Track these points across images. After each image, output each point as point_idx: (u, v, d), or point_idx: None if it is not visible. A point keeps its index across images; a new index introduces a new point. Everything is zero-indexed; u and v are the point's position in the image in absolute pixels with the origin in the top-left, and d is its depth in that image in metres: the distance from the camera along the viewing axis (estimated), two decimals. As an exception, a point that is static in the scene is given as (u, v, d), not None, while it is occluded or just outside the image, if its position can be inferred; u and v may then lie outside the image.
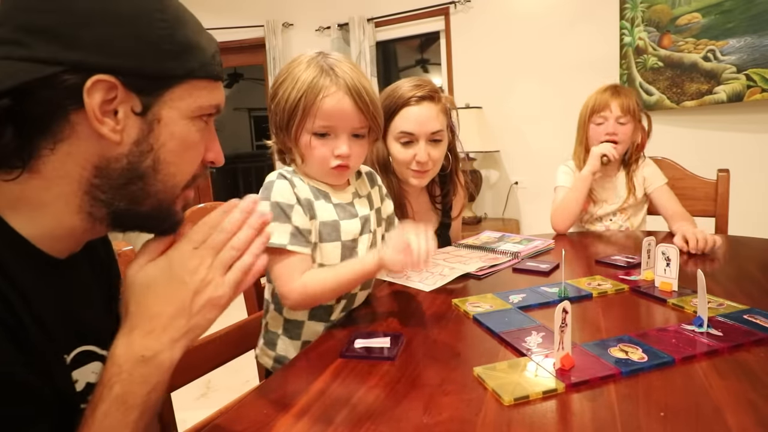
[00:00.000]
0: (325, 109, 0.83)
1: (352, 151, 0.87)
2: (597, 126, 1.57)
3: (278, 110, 0.86)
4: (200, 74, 0.53)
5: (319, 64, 0.84)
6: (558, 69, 3.02)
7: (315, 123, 0.84)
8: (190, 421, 0.91)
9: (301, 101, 0.82)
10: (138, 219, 0.54)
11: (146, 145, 0.51)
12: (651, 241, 1.00)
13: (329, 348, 0.77)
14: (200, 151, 0.56)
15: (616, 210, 1.60)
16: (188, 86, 0.52)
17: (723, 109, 2.57)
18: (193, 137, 0.54)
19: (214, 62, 0.54)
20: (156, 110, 0.50)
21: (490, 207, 3.40)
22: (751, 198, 2.41)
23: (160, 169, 0.52)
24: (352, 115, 0.85)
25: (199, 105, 0.53)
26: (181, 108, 0.52)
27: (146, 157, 0.51)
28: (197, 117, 0.54)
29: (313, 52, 0.88)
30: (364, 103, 0.85)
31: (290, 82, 0.84)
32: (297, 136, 0.86)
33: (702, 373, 0.62)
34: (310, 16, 3.71)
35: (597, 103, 1.57)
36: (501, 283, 1.07)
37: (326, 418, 0.57)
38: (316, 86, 0.82)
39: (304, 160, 0.89)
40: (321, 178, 0.91)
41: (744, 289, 0.94)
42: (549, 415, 0.55)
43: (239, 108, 7.24)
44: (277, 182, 0.87)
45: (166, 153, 0.52)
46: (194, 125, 0.54)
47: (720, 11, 2.46)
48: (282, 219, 0.83)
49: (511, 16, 3.14)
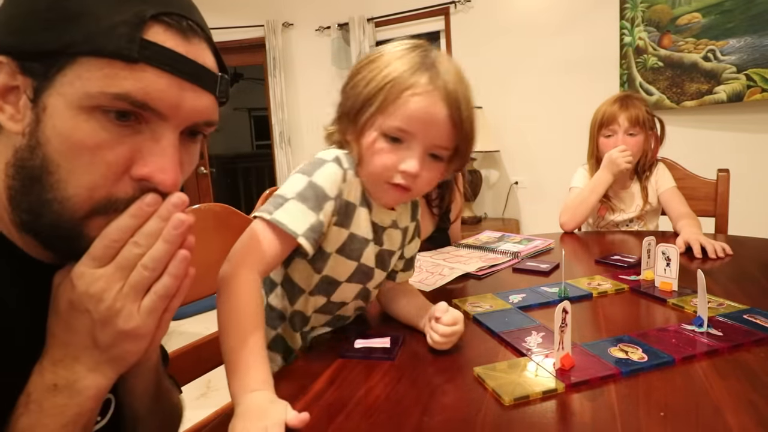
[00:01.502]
0: (411, 109, 0.66)
1: (421, 173, 0.69)
2: (606, 139, 1.57)
3: (352, 94, 0.70)
4: (85, 49, 0.40)
5: (421, 55, 0.68)
6: (558, 69, 3.03)
7: (390, 122, 0.67)
8: (190, 421, 0.91)
9: (383, 90, 0.66)
10: (44, 238, 0.44)
11: (34, 140, 0.41)
12: (651, 241, 1.00)
13: (329, 348, 0.77)
14: (103, 158, 0.42)
15: (633, 217, 1.61)
16: (78, 66, 0.40)
17: (723, 109, 2.57)
18: (82, 135, 0.41)
19: (113, 34, 0.40)
20: (45, 97, 0.41)
21: (490, 207, 3.40)
22: (751, 198, 2.41)
23: (52, 172, 0.42)
24: (440, 127, 0.68)
25: (85, 92, 0.40)
26: (67, 94, 0.41)
27: (35, 154, 0.41)
28: (95, 108, 0.41)
29: (414, 41, 0.72)
30: (460, 118, 0.68)
31: (378, 65, 0.68)
32: (363, 129, 0.69)
33: (702, 373, 0.62)
34: (310, 16, 3.71)
35: (605, 116, 1.56)
36: (501, 283, 1.07)
37: (326, 418, 0.57)
38: (407, 79, 0.66)
39: (362, 162, 0.72)
40: (371, 189, 0.75)
41: (744, 289, 0.94)
42: (549, 415, 0.55)
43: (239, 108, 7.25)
44: (329, 165, 0.71)
45: (51, 151, 0.41)
46: (89, 120, 0.41)
47: (720, 11, 2.46)
48: (312, 203, 0.68)
49: (511, 16, 3.14)
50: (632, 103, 1.55)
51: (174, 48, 0.43)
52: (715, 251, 1.19)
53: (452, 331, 0.71)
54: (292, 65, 3.83)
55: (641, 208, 1.59)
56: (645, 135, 1.55)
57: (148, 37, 0.42)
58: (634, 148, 1.53)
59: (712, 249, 1.20)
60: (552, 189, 3.07)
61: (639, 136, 1.54)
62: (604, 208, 1.62)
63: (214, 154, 4.55)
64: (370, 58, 0.70)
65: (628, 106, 1.54)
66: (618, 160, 1.49)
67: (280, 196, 0.69)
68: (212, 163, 4.43)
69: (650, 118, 1.56)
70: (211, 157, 4.41)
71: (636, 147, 1.53)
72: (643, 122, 1.53)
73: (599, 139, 1.59)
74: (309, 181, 0.69)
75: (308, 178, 0.70)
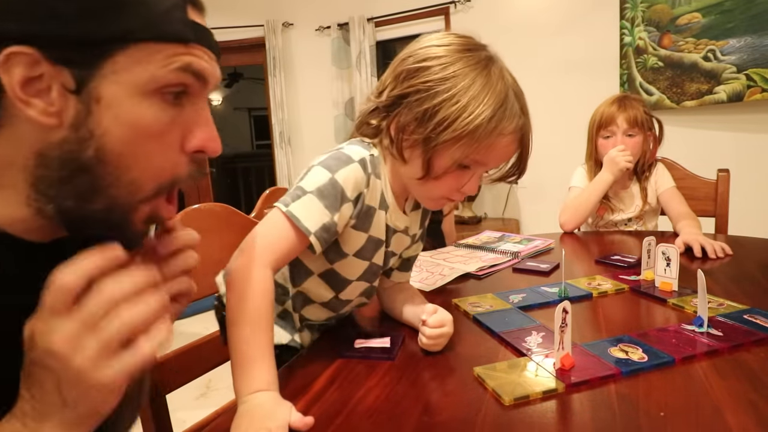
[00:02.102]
0: (495, 150, 0.68)
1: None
2: (605, 140, 1.57)
3: (418, 108, 0.66)
4: (147, 35, 0.40)
5: (506, 85, 0.68)
6: (558, 69, 3.03)
7: (472, 156, 0.67)
8: (190, 421, 0.91)
9: (472, 133, 0.64)
10: (88, 221, 0.43)
11: (85, 131, 0.40)
12: (651, 241, 1.00)
13: (329, 348, 0.77)
14: (170, 140, 0.44)
15: (632, 217, 1.61)
16: (134, 52, 0.40)
17: (723, 109, 2.57)
18: (149, 120, 0.42)
19: (170, 18, 0.42)
20: (93, 86, 0.40)
21: (490, 207, 3.40)
22: (751, 198, 2.41)
23: (109, 161, 0.41)
24: (509, 158, 0.72)
25: (152, 75, 0.41)
26: (128, 82, 0.40)
27: (86, 145, 0.40)
28: (155, 92, 0.42)
29: (476, 53, 0.69)
30: (525, 153, 0.73)
31: (462, 93, 0.65)
32: (435, 151, 0.67)
33: (702, 373, 0.62)
34: (310, 16, 3.71)
35: (604, 117, 1.56)
36: (501, 283, 1.07)
37: (326, 418, 0.57)
38: (496, 125, 0.65)
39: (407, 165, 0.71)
40: (419, 197, 0.76)
41: (744, 289, 0.94)
42: (549, 415, 0.55)
43: (239, 108, 7.25)
44: (355, 165, 0.70)
45: (113, 142, 0.41)
46: (152, 104, 0.42)
47: (720, 11, 2.46)
48: (328, 201, 0.67)
49: (511, 15, 3.14)
50: (630, 104, 1.55)
51: (203, 24, 0.46)
52: (714, 251, 1.19)
53: (439, 333, 0.71)
54: (292, 65, 3.83)
55: (640, 208, 1.59)
56: (644, 135, 1.54)
57: (192, 18, 0.44)
58: (633, 149, 1.52)
59: (712, 249, 1.20)
60: (552, 189, 3.07)
61: (638, 137, 1.54)
62: (603, 208, 1.62)
63: (214, 154, 4.54)
64: (446, 71, 0.66)
65: (627, 107, 1.54)
66: (617, 159, 1.49)
67: (300, 188, 0.68)
68: (212, 163, 4.43)
69: (648, 118, 1.56)
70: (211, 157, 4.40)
71: (635, 148, 1.53)
72: (642, 123, 1.53)
73: (598, 141, 1.59)
74: (331, 177, 0.68)
75: (331, 174, 0.69)
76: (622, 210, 1.62)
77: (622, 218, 1.62)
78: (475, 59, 0.67)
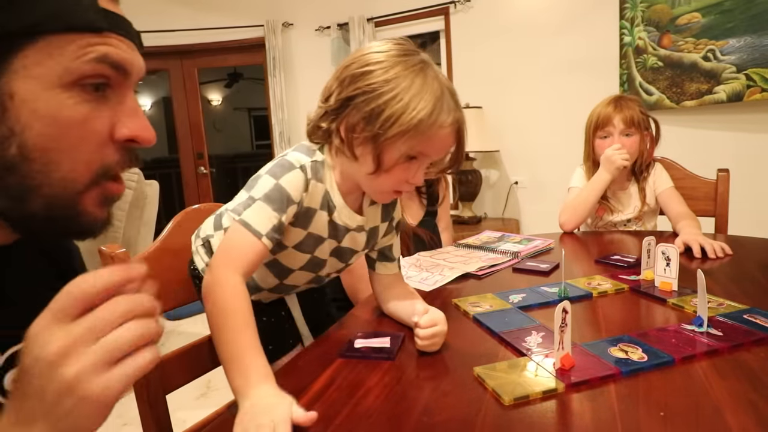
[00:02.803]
0: (437, 141, 0.74)
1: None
2: (602, 140, 1.57)
3: (365, 109, 0.71)
4: (55, 27, 0.39)
5: (441, 84, 0.74)
6: (558, 69, 3.03)
7: (417, 148, 0.73)
8: (190, 421, 0.91)
9: (415, 128, 0.70)
10: (34, 222, 0.43)
11: (4, 130, 0.39)
12: (651, 241, 1.00)
13: (329, 348, 0.77)
14: (93, 129, 0.43)
15: (631, 218, 1.61)
16: (44, 45, 0.39)
17: (723, 108, 2.57)
18: (69, 113, 0.41)
19: (80, 7, 0.41)
20: (5, 83, 0.39)
21: (490, 207, 3.40)
22: (751, 198, 2.41)
23: (35, 158, 0.40)
24: (449, 149, 0.78)
25: (65, 67, 0.40)
26: (41, 76, 0.39)
27: (8, 143, 0.39)
28: (73, 84, 0.41)
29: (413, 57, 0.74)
30: (461, 144, 0.78)
31: (404, 92, 0.70)
32: (384, 145, 0.72)
33: (702, 373, 0.62)
34: (310, 16, 3.71)
35: (600, 118, 1.57)
36: (501, 283, 1.07)
37: (326, 418, 0.57)
38: (435, 119, 0.71)
39: (359, 162, 0.75)
40: (371, 192, 0.81)
41: (744, 289, 0.94)
42: (549, 415, 0.55)
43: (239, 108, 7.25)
44: (296, 172, 0.76)
45: (35, 137, 0.40)
46: (70, 97, 0.41)
47: (720, 11, 2.46)
48: (276, 205, 0.74)
49: (511, 15, 3.14)
50: (626, 104, 1.56)
51: (117, 12, 0.45)
52: (714, 251, 1.19)
53: (432, 332, 0.72)
54: (292, 65, 3.83)
55: (639, 209, 1.59)
56: (640, 135, 1.55)
57: (102, 5, 0.43)
58: (630, 148, 1.52)
59: (712, 249, 1.20)
60: (552, 189, 3.07)
61: (634, 137, 1.54)
62: (602, 209, 1.62)
63: (214, 154, 4.54)
64: (386, 75, 0.71)
65: (623, 108, 1.54)
66: (614, 157, 1.50)
67: (250, 198, 0.75)
68: (212, 163, 4.43)
69: (645, 118, 1.56)
70: (211, 157, 4.41)
71: (632, 147, 1.53)
72: (638, 123, 1.53)
73: (595, 141, 1.59)
74: (276, 183, 0.75)
75: (276, 180, 0.75)
76: (620, 211, 1.62)
77: (621, 219, 1.62)
78: (412, 63, 0.73)
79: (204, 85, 5.47)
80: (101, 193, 0.45)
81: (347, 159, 0.76)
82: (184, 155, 4.22)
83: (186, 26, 3.77)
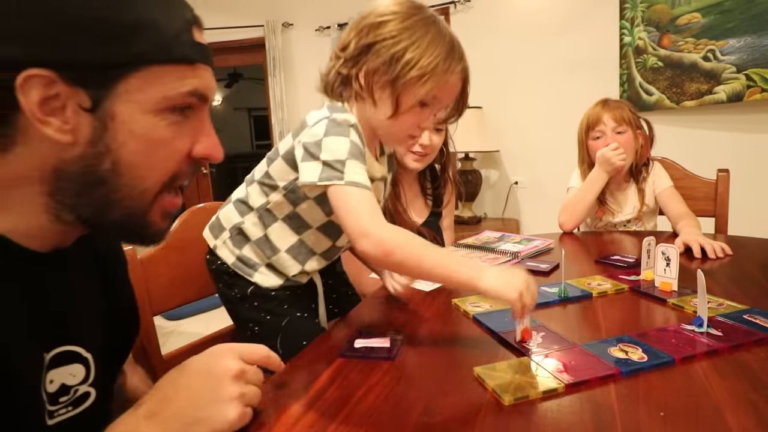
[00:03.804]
0: (447, 84, 0.81)
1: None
2: (596, 141, 1.57)
3: (385, 55, 0.78)
4: (159, 58, 0.44)
5: (451, 35, 0.81)
6: (558, 69, 3.03)
7: (431, 91, 0.79)
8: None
9: (431, 74, 0.77)
10: (109, 228, 0.49)
11: (102, 146, 0.44)
12: (651, 241, 1.00)
13: (329, 348, 0.77)
14: (177, 148, 0.49)
15: (631, 218, 1.61)
16: (146, 74, 0.44)
17: (723, 109, 2.57)
18: (160, 134, 0.47)
19: (179, 42, 0.46)
20: (108, 105, 0.43)
21: (490, 207, 3.40)
22: (751, 198, 2.41)
23: (124, 173, 0.46)
24: (455, 96, 0.86)
25: (163, 96, 0.45)
26: (141, 101, 0.44)
27: (103, 159, 0.44)
28: (165, 110, 0.46)
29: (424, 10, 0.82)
30: (466, 91, 0.86)
31: (417, 41, 0.78)
32: (403, 88, 0.79)
33: (702, 373, 0.62)
34: (310, 16, 3.71)
35: (591, 119, 1.58)
36: (501, 283, 1.07)
37: (326, 418, 0.57)
38: (448, 66, 0.79)
39: (377, 106, 0.82)
40: (384, 136, 0.88)
41: (744, 289, 0.94)
42: (549, 415, 0.55)
43: (239, 108, 7.25)
44: (354, 128, 0.82)
45: (128, 154, 0.45)
46: (162, 120, 0.46)
47: (720, 11, 2.46)
48: (360, 159, 0.80)
49: (511, 15, 3.14)
50: (615, 104, 1.57)
51: (203, 43, 0.50)
52: (714, 251, 1.20)
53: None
54: (292, 65, 3.83)
55: (638, 209, 1.59)
56: (633, 132, 1.55)
57: (196, 39, 0.48)
58: (625, 145, 1.53)
59: (712, 249, 1.20)
60: (552, 189, 3.07)
61: (627, 134, 1.54)
62: (601, 211, 1.62)
63: (214, 154, 4.55)
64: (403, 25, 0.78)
65: (612, 107, 1.56)
66: (612, 159, 1.50)
67: (337, 161, 0.77)
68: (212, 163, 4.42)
69: (635, 117, 1.57)
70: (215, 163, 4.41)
71: (627, 144, 1.53)
72: (629, 120, 1.54)
73: (588, 143, 1.59)
74: (349, 141, 0.80)
75: (347, 138, 0.80)
76: (619, 212, 1.62)
77: (620, 220, 1.62)
78: (424, 15, 0.81)
79: (204, 85, 5.50)
80: (164, 206, 0.51)
81: (366, 105, 0.83)
82: (184, 155, 4.22)
83: (186, 26, 3.77)
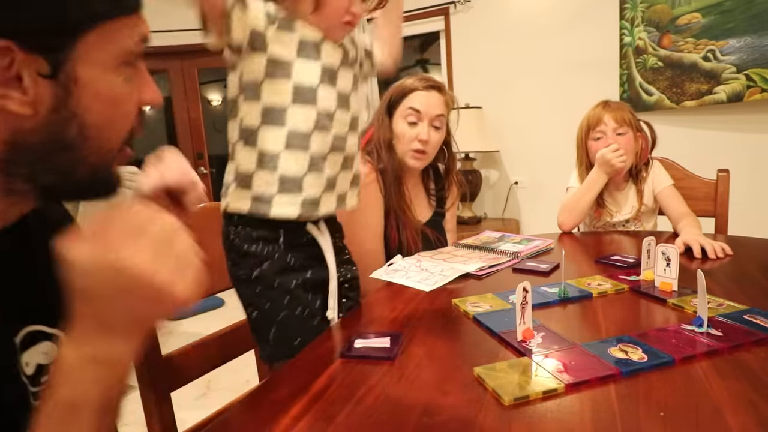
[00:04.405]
0: None
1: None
2: (596, 141, 1.57)
3: None
4: (113, 14, 0.43)
5: None
6: (558, 69, 3.03)
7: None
8: (190, 421, 0.91)
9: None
10: (71, 190, 0.48)
11: (66, 112, 0.42)
12: (651, 241, 1.00)
13: (329, 348, 0.77)
14: (134, 102, 0.48)
15: (630, 218, 1.61)
16: (102, 31, 0.42)
17: (723, 109, 2.57)
18: (120, 91, 0.45)
19: None
20: (70, 69, 0.41)
21: (490, 207, 3.40)
22: (751, 198, 2.41)
23: (90, 135, 0.44)
24: None
25: (122, 49, 0.44)
26: (101, 60, 0.43)
27: (68, 125, 0.43)
28: (121, 65, 0.45)
29: None
30: None
31: None
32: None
33: (702, 373, 0.62)
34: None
35: (591, 120, 1.58)
36: (501, 283, 1.07)
37: (326, 418, 0.57)
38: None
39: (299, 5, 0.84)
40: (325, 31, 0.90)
41: (744, 289, 0.94)
42: (549, 415, 0.55)
43: (239, 108, 7.21)
44: None
45: (94, 116, 0.44)
46: (119, 76, 0.45)
47: (720, 11, 2.46)
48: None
49: (511, 16, 3.14)
50: (615, 105, 1.58)
51: None
52: (714, 251, 1.19)
53: None
54: (292, 65, 3.82)
55: (637, 209, 1.59)
56: (633, 134, 1.55)
57: None
58: (625, 146, 1.52)
59: (712, 249, 1.20)
60: (552, 189, 3.07)
61: (628, 135, 1.54)
62: (599, 213, 1.62)
63: (214, 154, 4.54)
64: None
65: (613, 108, 1.56)
66: (612, 160, 1.50)
67: None
68: (212, 163, 4.42)
69: (635, 119, 1.57)
70: (211, 157, 4.41)
71: (627, 145, 1.53)
72: (629, 122, 1.54)
73: (588, 143, 1.59)
74: None
75: None
76: (618, 212, 1.62)
77: (619, 220, 1.62)
78: None
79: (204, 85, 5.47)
80: (121, 159, 0.50)
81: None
82: (184, 155, 4.20)
83: (186, 26, 3.77)
